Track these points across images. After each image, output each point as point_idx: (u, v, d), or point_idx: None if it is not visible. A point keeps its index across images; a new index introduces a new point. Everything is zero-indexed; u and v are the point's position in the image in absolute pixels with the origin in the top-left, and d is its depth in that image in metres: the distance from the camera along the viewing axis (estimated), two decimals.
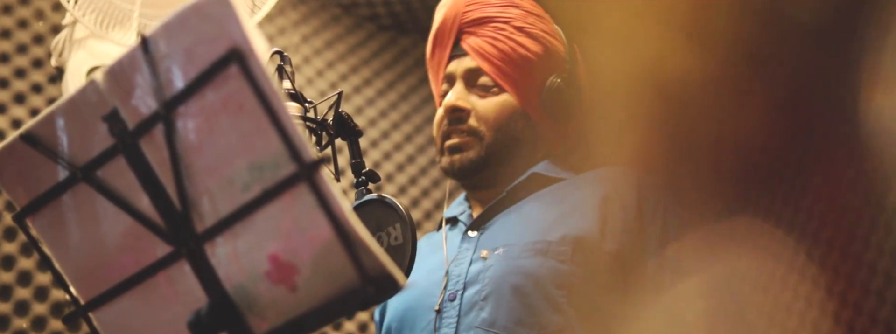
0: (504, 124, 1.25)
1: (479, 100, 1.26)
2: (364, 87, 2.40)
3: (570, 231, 1.17)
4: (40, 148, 0.83)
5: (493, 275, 1.17)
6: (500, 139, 1.25)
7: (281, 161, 0.73)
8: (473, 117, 1.26)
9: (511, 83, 1.25)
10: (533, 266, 1.15)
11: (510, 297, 1.14)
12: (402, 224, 1.07)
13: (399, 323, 1.25)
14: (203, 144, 0.77)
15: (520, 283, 1.15)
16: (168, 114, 0.77)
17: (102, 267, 0.86)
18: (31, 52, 1.95)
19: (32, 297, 1.82)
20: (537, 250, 1.16)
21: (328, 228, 0.72)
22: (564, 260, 1.15)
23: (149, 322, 0.85)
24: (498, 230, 1.24)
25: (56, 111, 0.83)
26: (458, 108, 1.26)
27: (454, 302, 1.18)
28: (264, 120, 0.72)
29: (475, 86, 1.26)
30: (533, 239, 1.18)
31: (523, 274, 1.15)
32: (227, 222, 0.77)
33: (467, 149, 1.25)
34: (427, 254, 1.31)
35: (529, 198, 1.26)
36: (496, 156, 1.26)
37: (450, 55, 1.29)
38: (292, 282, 0.76)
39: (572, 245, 1.16)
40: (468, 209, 1.33)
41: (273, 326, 0.78)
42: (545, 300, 1.13)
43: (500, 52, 1.24)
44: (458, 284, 1.19)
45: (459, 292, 1.18)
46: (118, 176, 0.81)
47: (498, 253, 1.19)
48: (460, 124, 1.26)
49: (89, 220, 0.85)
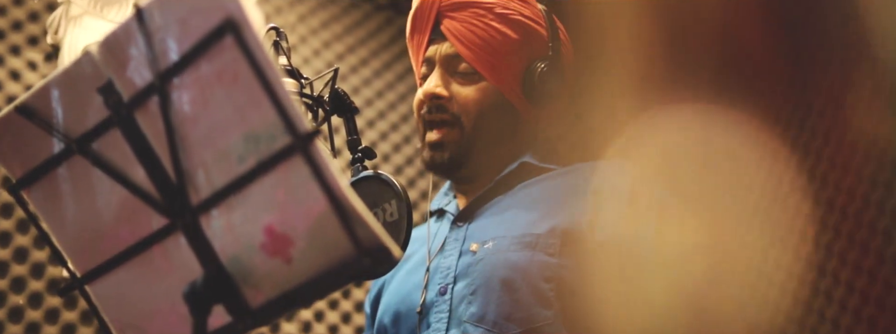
0: (485, 112, 1.22)
1: (460, 88, 1.23)
2: (360, 67, 2.40)
3: (560, 223, 1.16)
4: (35, 120, 0.83)
5: (483, 269, 1.16)
6: (481, 126, 1.22)
7: (276, 132, 0.73)
8: (453, 105, 1.23)
9: (491, 70, 1.22)
10: (522, 259, 1.14)
11: (499, 292, 1.14)
12: (398, 200, 1.07)
13: (392, 319, 1.24)
14: (198, 116, 0.77)
15: (509, 277, 1.14)
16: (163, 86, 0.77)
17: (98, 239, 0.86)
18: (27, 30, 1.94)
19: (29, 274, 1.83)
20: (526, 243, 1.15)
21: (323, 200, 0.72)
22: (553, 253, 1.14)
23: (145, 294, 0.85)
24: (487, 221, 1.23)
25: (51, 83, 0.83)
26: (437, 96, 1.23)
27: (445, 296, 1.17)
28: (259, 91, 0.72)
29: (455, 74, 1.24)
30: (522, 232, 1.17)
31: (512, 268, 1.14)
32: (223, 194, 0.77)
33: (448, 144, 1.23)
34: (415, 249, 1.30)
35: (518, 187, 1.25)
36: (477, 147, 1.23)
37: (429, 38, 1.26)
38: (287, 254, 0.76)
39: (561, 237, 1.15)
40: (454, 199, 1.32)
41: (268, 298, 0.78)
42: (533, 294, 1.13)
43: (479, 38, 1.21)
44: (449, 277, 1.19)
45: (450, 286, 1.18)
46: (114, 148, 0.81)
47: (488, 247, 1.18)
48: (441, 112, 1.23)
49: (85, 193, 0.85)
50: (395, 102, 2.42)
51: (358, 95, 2.33)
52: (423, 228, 1.34)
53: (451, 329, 1.16)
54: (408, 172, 2.39)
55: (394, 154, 2.39)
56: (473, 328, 1.14)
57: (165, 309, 0.85)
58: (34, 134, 0.84)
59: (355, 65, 2.39)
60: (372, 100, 2.39)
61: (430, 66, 1.27)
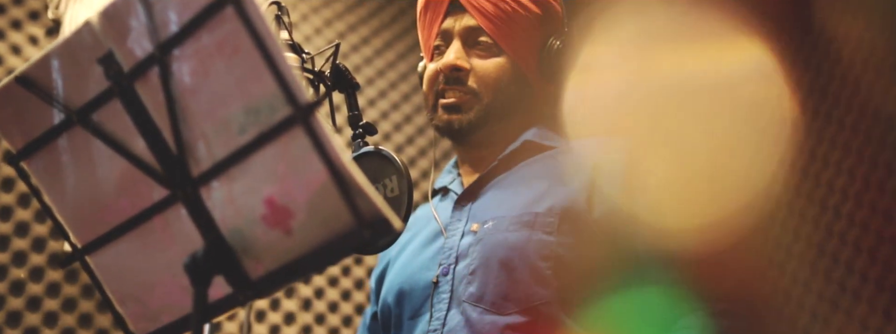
0: (503, 86, 1.23)
1: (479, 61, 1.24)
2: (362, 46, 2.39)
3: (558, 201, 1.17)
4: (36, 90, 0.83)
5: (482, 250, 1.17)
6: (498, 100, 1.23)
7: (276, 104, 0.72)
8: (472, 77, 1.23)
9: (511, 44, 1.22)
10: (520, 239, 1.15)
11: (498, 272, 1.14)
12: (399, 176, 1.07)
13: (396, 298, 1.24)
14: (199, 87, 0.77)
15: (507, 257, 1.15)
16: (163, 57, 0.77)
17: (99, 210, 0.86)
18: (28, 4, 1.94)
19: (30, 248, 1.83)
20: (524, 223, 1.16)
21: (323, 171, 0.72)
22: (551, 232, 1.14)
23: (145, 265, 0.86)
24: (488, 201, 1.24)
25: (51, 53, 0.82)
26: (458, 67, 1.23)
27: (447, 277, 1.18)
28: (260, 62, 0.72)
29: (474, 46, 1.24)
30: (520, 211, 1.17)
31: (510, 247, 1.15)
32: (223, 166, 0.77)
33: (466, 109, 1.23)
34: (420, 228, 1.30)
35: (520, 165, 1.25)
36: (493, 117, 1.24)
37: (446, 10, 1.26)
38: (288, 226, 0.76)
39: (559, 216, 1.15)
40: (458, 177, 1.32)
41: (268, 269, 0.78)
42: (531, 273, 1.13)
43: (501, 11, 1.22)
44: (451, 258, 1.19)
45: (452, 266, 1.18)
46: (114, 119, 0.81)
47: (487, 227, 1.18)
48: (459, 84, 1.23)
49: (85, 164, 0.85)
50: (397, 81, 2.41)
51: (359, 74, 2.33)
52: (425, 208, 1.35)
53: (452, 308, 1.16)
54: (409, 151, 2.39)
55: (395, 133, 2.39)
56: (472, 308, 1.14)
57: (166, 281, 0.85)
58: (35, 105, 0.84)
59: (357, 43, 2.38)
60: (373, 79, 2.38)
61: (445, 38, 1.27)
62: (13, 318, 1.78)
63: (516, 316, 1.12)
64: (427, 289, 1.20)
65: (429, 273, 1.21)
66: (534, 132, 1.27)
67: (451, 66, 1.24)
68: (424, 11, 1.29)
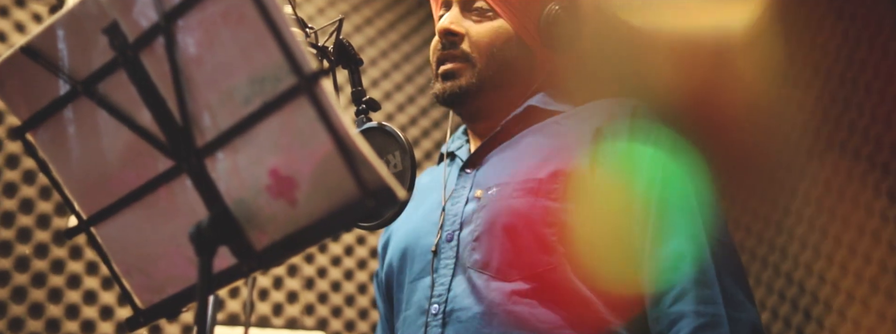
0: (498, 50, 1.22)
1: (474, 25, 1.24)
2: (365, 27, 2.38)
3: (562, 166, 1.16)
4: (41, 61, 0.83)
5: (486, 216, 1.17)
6: (492, 65, 1.22)
7: (281, 73, 0.72)
8: (466, 42, 1.23)
9: (507, 8, 1.22)
10: (524, 205, 1.15)
11: (503, 238, 1.15)
12: (402, 151, 1.07)
13: (400, 261, 1.25)
14: (203, 57, 0.77)
15: (511, 224, 1.15)
16: (168, 27, 0.77)
17: (104, 182, 0.86)
18: None
19: (35, 224, 1.84)
20: (528, 189, 1.16)
21: (328, 142, 0.72)
22: (556, 198, 1.14)
23: (150, 236, 0.86)
24: (493, 167, 1.24)
25: (56, 23, 0.82)
26: (451, 32, 1.23)
27: (452, 243, 1.18)
28: (265, 32, 0.72)
29: (471, 11, 1.24)
30: (524, 177, 1.17)
31: (515, 214, 1.15)
32: (228, 136, 0.77)
33: (460, 75, 1.23)
34: (427, 192, 1.30)
35: (525, 131, 1.25)
36: (489, 83, 1.23)
37: None
38: (292, 196, 0.76)
39: (563, 181, 1.15)
40: (466, 144, 1.32)
41: (273, 240, 0.78)
42: (535, 240, 1.13)
43: None
44: (455, 224, 1.20)
45: (456, 232, 1.19)
46: (119, 89, 0.81)
47: (491, 193, 1.19)
48: (453, 48, 1.23)
49: (91, 135, 0.85)
50: (400, 62, 2.41)
51: (362, 54, 2.32)
52: (435, 171, 1.35)
53: (457, 275, 1.17)
54: (412, 131, 2.39)
55: (398, 113, 2.39)
56: (478, 274, 1.15)
57: (171, 252, 0.85)
58: (40, 75, 0.84)
59: (360, 24, 2.37)
60: (376, 60, 2.38)
61: (447, 6, 1.27)
62: (18, 294, 1.79)
63: (522, 283, 1.12)
64: (428, 255, 1.21)
65: (432, 237, 1.22)
66: (539, 97, 1.27)
67: (444, 29, 1.24)
68: None
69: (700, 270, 1.10)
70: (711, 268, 1.10)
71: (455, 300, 1.15)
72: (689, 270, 1.09)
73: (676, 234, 1.11)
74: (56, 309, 1.81)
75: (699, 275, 1.09)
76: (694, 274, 1.09)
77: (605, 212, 1.15)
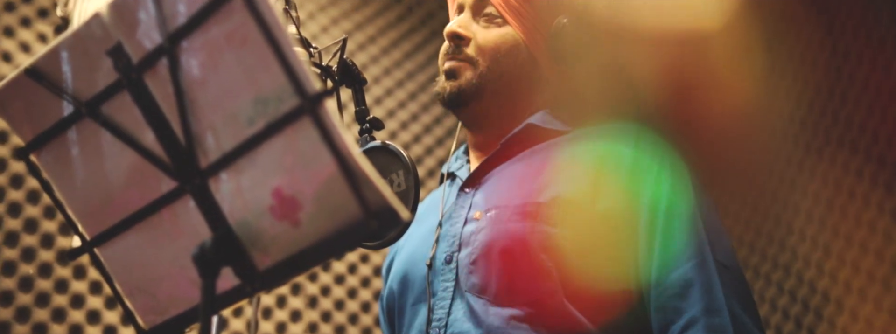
0: (502, 55, 1.22)
1: (482, 30, 1.23)
2: (368, 45, 2.39)
3: (562, 192, 1.15)
4: (45, 82, 0.84)
5: (484, 239, 1.16)
6: (495, 69, 1.22)
7: (284, 94, 0.73)
8: (473, 45, 1.23)
9: (516, 16, 1.22)
10: (522, 230, 1.13)
11: (500, 263, 1.13)
12: (406, 170, 1.06)
13: (400, 285, 1.24)
14: (207, 79, 0.77)
15: (509, 248, 1.14)
16: (172, 48, 0.77)
17: (108, 203, 0.86)
18: (37, 2, 1.95)
19: (39, 244, 1.84)
20: (526, 213, 1.14)
21: (332, 163, 0.72)
22: (555, 224, 1.13)
23: (154, 257, 0.86)
24: (492, 188, 1.22)
25: (60, 45, 0.83)
26: (458, 35, 1.23)
27: (451, 265, 1.17)
28: (268, 53, 0.72)
29: (481, 16, 1.24)
30: (523, 201, 1.16)
31: (512, 238, 1.14)
32: (231, 157, 0.77)
33: (460, 74, 1.22)
34: (427, 214, 1.29)
35: (526, 152, 1.23)
36: (490, 86, 1.22)
37: None
38: (296, 217, 0.76)
39: (562, 207, 1.14)
40: (466, 163, 1.31)
41: (276, 261, 0.78)
42: (532, 265, 1.12)
43: None
44: (454, 245, 1.19)
45: (455, 253, 1.18)
46: (123, 111, 0.82)
47: (490, 215, 1.17)
48: (458, 52, 1.23)
49: (94, 156, 0.85)
50: (403, 80, 2.41)
51: (366, 72, 2.33)
52: (435, 193, 1.34)
53: (456, 299, 1.16)
54: (415, 149, 2.39)
55: (401, 131, 2.39)
56: (476, 298, 1.14)
57: (174, 273, 0.85)
58: (44, 97, 0.84)
59: (363, 42, 2.38)
60: (379, 78, 2.39)
61: (460, 11, 1.27)
62: (22, 314, 1.78)
63: (520, 308, 1.11)
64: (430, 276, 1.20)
65: (434, 261, 1.21)
66: (539, 116, 1.25)
67: (451, 32, 1.24)
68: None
69: (709, 298, 1.08)
70: (720, 295, 1.09)
71: (455, 324, 1.14)
72: (698, 298, 1.08)
73: (683, 262, 1.10)
74: (60, 329, 1.81)
75: (708, 303, 1.08)
76: (703, 302, 1.08)
77: (605, 239, 1.13)
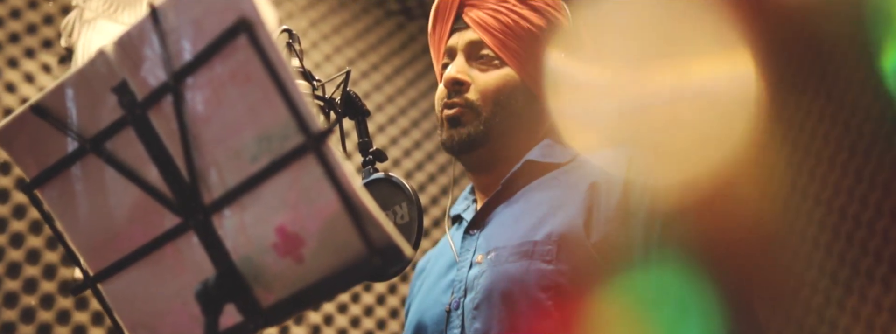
0: (504, 98, 1.21)
1: (480, 74, 1.22)
2: (371, 73, 2.40)
3: (556, 227, 1.14)
4: (50, 119, 0.84)
5: (485, 283, 1.14)
6: (499, 114, 1.21)
7: (288, 132, 0.73)
8: (473, 90, 1.22)
9: (513, 56, 1.21)
10: (519, 270, 1.12)
11: (500, 305, 1.12)
12: (409, 202, 1.06)
13: (415, 331, 1.23)
14: (211, 116, 0.77)
15: (508, 290, 1.12)
16: (177, 86, 0.77)
17: (111, 238, 0.86)
18: (41, 33, 1.96)
19: (41, 275, 1.83)
20: (523, 253, 1.13)
21: (335, 200, 0.72)
22: (550, 261, 1.11)
23: (156, 293, 0.86)
24: (494, 229, 1.21)
25: (66, 82, 0.83)
26: (458, 81, 1.22)
27: (458, 311, 1.16)
28: (272, 90, 0.72)
29: (477, 60, 1.23)
30: (520, 240, 1.15)
31: (510, 279, 1.12)
32: (235, 194, 0.77)
33: (466, 123, 1.21)
34: (438, 258, 1.29)
35: (526, 188, 1.23)
36: (496, 131, 1.21)
37: (451, 28, 1.25)
38: (299, 254, 0.76)
39: (557, 243, 1.12)
40: (473, 203, 1.30)
41: (279, 298, 0.78)
42: (532, 305, 1.10)
43: (501, 24, 1.21)
44: (460, 291, 1.17)
45: (461, 299, 1.17)
46: (127, 147, 0.82)
47: (490, 258, 1.16)
48: (458, 97, 1.22)
49: (98, 192, 0.85)
50: (406, 107, 2.42)
51: (369, 100, 2.34)
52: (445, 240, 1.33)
53: None
54: (418, 177, 2.39)
55: (404, 159, 2.39)
56: None
57: (177, 309, 0.85)
58: (49, 133, 0.85)
59: (366, 70, 2.40)
60: (382, 106, 2.40)
61: (451, 55, 1.26)
62: None
63: None
64: (440, 324, 1.19)
65: (441, 307, 1.20)
66: (537, 150, 1.24)
67: (451, 79, 1.23)
68: (432, 32, 1.29)
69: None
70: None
71: None
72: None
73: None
74: None
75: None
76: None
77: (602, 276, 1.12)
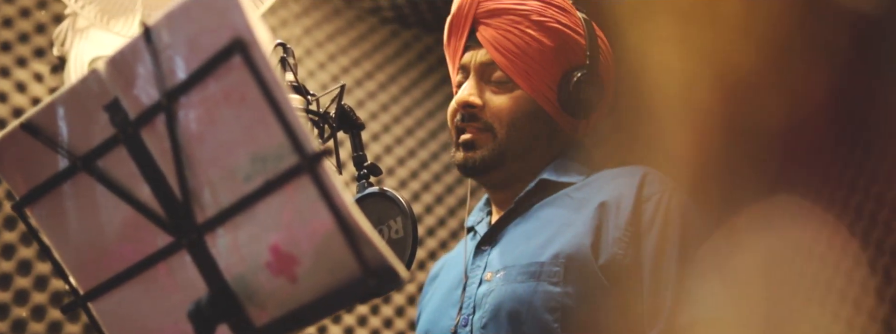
0: (517, 121, 1.21)
1: (493, 96, 1.22)
2: (366, 80, 2.40)
3: (564, 248, 1.13)
4: (41, 137, 0.83)
5: (493, 301, 1.15)
6: (513, 136, 1.21)
7: (283, 152, 0.72)
8: (487, 112, 1.22)
9: (525, 79, 1.20)
10: (526, 291, 1.12)
11: (507, 326, 1.12)
12: (404, 217, 1.06)
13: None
14: (205, 135, 0.76)
15: (515, 310, 1.12)
16: (170, 104, 0.77)
17: (102, 257, 0.86)
18: (33, 42, 1.95)
19: (32, 286, 1.82)
20: (531, 273, 1.13)
21: (330, 220, 0.71)
22: (557, 282, 1.11)
23: (148, 312, 0.85)
24: (505, 246, 1.21)
25: (57, 100, 0.83)
26: (470, 105, 1.22)
27: (466, 328, 1.16)
28: (267, 111, 0.72)
29: (489, 82, 1.23)
30: (528, 260, 1.15)
31: (517, 300, 1.12)
32: (229, 213, 0.77)
33: (481, 146, 1.21)
34: (449, 270, 1.29)
35: (538, 205, 1.22)
36: (511, 154, 1.21)
37: (465, 45, 1.24)
38: (293, 274, 0.75)
39: (564, 264, 1.12)
40: (487, 215, 1.29)
41: (273, 317, 0.77)
42: (538, 327, 1.10)
43: (514, 46, 1.20)
44: (469, 307, 1.18)
45: (470, 316, 1.17)
46: (119, 166, 0.81)
47: (499, 277, 1.16)
48: (473, 121, 1.22)
49: (89, 210, 0.85)
50: (400, 116, 2.42)
51: (362, 109, 2.33)
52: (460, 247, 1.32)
53: None
54: (412, 186, 2.38)
55: (398, 167, 2.38)
56: None
57: (169, 328, 0.84)
58: (39, 151, 0.84)
59: (360, 78, 2.39)
60: (376, 114, 2.39)
61: (465, 73, 1.26)
62: None
63: None
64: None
65: (450, 321, 1.20)
66: (551, 169, 1.24)
67: (463, 102, 1.23)
68: (447, 45, 1.28)
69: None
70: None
71: None
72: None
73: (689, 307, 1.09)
74: None
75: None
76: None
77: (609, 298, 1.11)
